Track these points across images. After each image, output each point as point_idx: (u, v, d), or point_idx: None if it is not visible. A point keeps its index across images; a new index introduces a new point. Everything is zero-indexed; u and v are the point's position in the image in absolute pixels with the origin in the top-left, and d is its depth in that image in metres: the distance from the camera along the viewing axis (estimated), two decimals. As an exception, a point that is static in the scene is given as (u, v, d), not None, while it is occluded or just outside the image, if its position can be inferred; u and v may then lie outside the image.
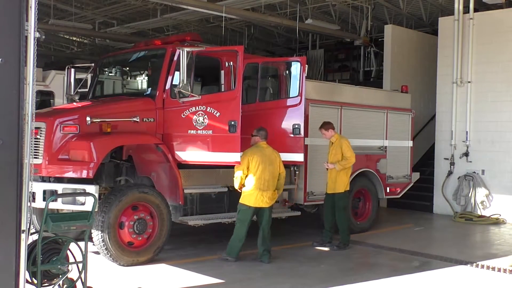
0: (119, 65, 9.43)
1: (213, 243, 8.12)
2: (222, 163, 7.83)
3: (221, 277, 7.12)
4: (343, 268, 7.91)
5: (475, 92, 12.87)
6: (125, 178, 8.25)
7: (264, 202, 7.83)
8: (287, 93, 9.11)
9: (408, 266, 8.02)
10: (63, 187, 7.16)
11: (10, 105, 4.37)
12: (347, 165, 8.87)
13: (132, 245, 7.57)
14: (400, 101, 11.55)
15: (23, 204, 4.48)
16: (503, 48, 12.46)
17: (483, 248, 9.95)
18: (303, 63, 8.73)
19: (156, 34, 19.75)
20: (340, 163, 8.80)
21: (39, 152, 7.32)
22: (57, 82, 13.13)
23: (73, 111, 8.05)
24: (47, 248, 5.33)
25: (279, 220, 9.73)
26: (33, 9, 4.50)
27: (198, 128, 7.76)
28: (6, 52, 4.32)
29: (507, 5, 13.06)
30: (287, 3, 15.66)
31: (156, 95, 8.05)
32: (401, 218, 12.62)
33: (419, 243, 9.83)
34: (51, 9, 16.20)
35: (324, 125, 9.03)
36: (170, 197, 8.08)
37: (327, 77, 20.28)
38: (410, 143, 11.63)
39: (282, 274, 7.42)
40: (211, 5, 13.99)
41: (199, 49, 7.87)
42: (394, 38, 14.93)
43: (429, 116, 14.81)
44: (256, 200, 7.79)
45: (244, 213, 7.84)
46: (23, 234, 4.48)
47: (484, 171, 12.66)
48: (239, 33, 20.03)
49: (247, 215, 7.83)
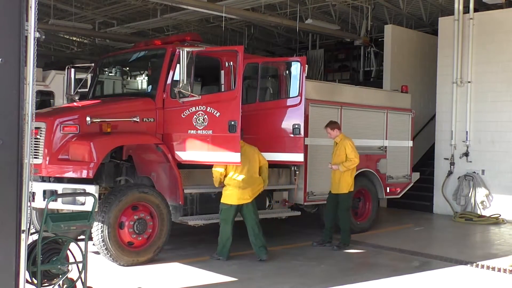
0: (119, 65, 9.43)
1: (213, 243, 8.12)
2: (222, 163, 7.83)
3: (221, 277, 7.12)
4: (343, 268, 7.91)
5: (475, 92, 12.88)
6: (125, 178, 8.25)
7: (246, 199, 7.91)
8: (287, 93, 9.10)
9: (408, 266, 8.02)
10: (63, 187, 7.16)
11: (10, 105, 4.37)
12: (350, 167, 8.85)
13: (132, 245, 7.57)
14: (400, 101, 11.55)
15: (23, 204, 4.48)
16: (503, 48, 12.46)
17: (483, 248, 9.95)
18: (303, 63, 8.73)
19: (156, 34, 19.75)
20: (344, 164, 8.79)
21: (39, 152, 7.32)
22: (57, 82, 13.13)
23: (73, 111, 8.05)
24: (47, 248, 5.32)
25: (279, 220, 9.75)
26: (33, 9, 4.50)
27: (198, 128, 7.75)
28: (6, 52, 4.32)
29: (507, 5, 13.07)
30: (287, 3, 15.67)
31: (156, 95, 8.05)
32: (401, 218, 12.62)
33: (419, 243, 9.83)
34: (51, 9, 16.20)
35: (330, 124, 9.03)
36: (170, 197, 8.08)
37: (327, 77, 20.28)
38: (410, 143, 11.62)
39: (282, 274, 7.42)
40: (211, 5, 13.99)
41: (199, 49, 7.86)
42: (394, 38, 14.93)
43: (429, 116, 14.81)
44: (237, 198, 7.86)
45: (226, 212, 7.90)
46: (23, 234, 4.48)
47: (484, 171, 12.66)
48: (239, 33, 20.03)
49: (229, 214, 7.89)
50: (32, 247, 5.12)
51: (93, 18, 18.62)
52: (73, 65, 9.45)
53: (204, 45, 8.49)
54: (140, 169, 8.25)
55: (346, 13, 16.89)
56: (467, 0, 12.85)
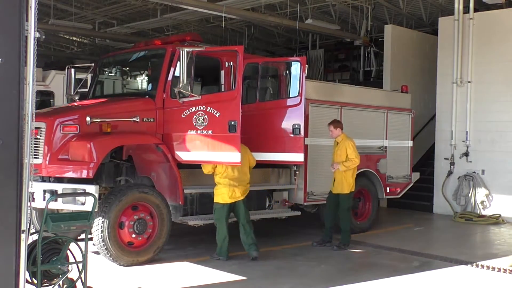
0: (119, 65, 9.43)
1: (213, 243, 8.12)
2: (222, 163, 7.83)
3: (221, 277, 7.12)
4: (343, 268, 7.91)
5: (475, 92, 12.87)
6: (125, 178, 8.25)
7: (237, 197, 7.95)
8: (287, 93, 9.10)
9: (408, 266, 8.02)
10: (63, 187, 7.16)
11: (10, 105, 4.37)
12: (351, 166, 8.85)
13: (132, 245, 7.57)
14: (400, 101, 11.55)
15: (23, 204, 4.47)
16: (503, 48, 12.46)
17: (483, 248, 9.96)
18: (303, 63, 8.72)
19: (156, 34, 19.75)
20: (344, 164, 8.79)
21: (39, 152, 7.32)
22: (57, 82, 13.13)
23: (73, 111, 8.05)
24: (47, 248, 5.32)
25: (279, 220, 9.75)
26: (33, 9, 4.50)
27: (198, 128, 7.75)
28: (6, 52, 4.32)
29: (507, 5, 13.07)
30: (287, 3, 15.67)
31: (156, 95, 8.04)
32: (401, 218, 12.62)
33: (419, 243, 9.83)
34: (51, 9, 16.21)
35: (334, 123, 9.05)
36: (170, 197, 8.08)
37: (327, 77, 20.29)
38: (410, 143, 11.62)
39: (282, 274, 7.42)
40: (211, 5, 14.00)
41: (199, 49, 7.86)
42: (394, 38, 14.93)
43: (429, 116, 14.81)
44: (229, 197, 7.90)
45: (219, 212, 7.94)
46: (23, 234, 4.47)
47: (484, 171, 12.66)
48: (239, 33, 20.03)
49: (222, 213, 7.92)
50: (32, 247, 5.11)
51: (93, 18, 18.61)
52: (73, 65, 9.45)
53: (204, 45, 8.48)
54: (140, 169, 8.25)
55: (346, 13, 16.89)
56: (467, 0, 12.85)
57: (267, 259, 8.11)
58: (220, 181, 7.92)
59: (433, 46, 14.34)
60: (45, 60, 21.49)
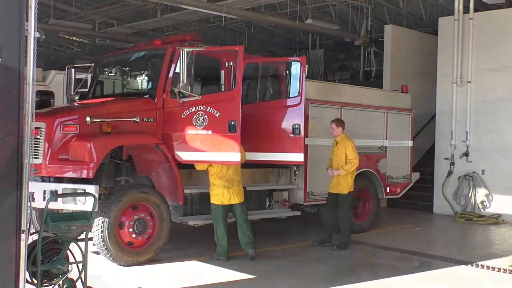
0: (119, 65, 9.42)
1: (213, 243, 8.12)
2: (222, 163, 7.83)
3: (221, 277, 7.12)
4: (343, 268, 7.91)
5: (475, 92, 12.87)
6: (125, 178, 8.24)
7: (233, 199, 7.94)
8: (287, 93, 9.10)
9: (408, 266, 8.02)
10: (63, 187, 7.15)
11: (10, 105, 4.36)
12: (350, 169, 8.85)
13: (132, 245, 7.57)
14: (400, 101, 11.55)
15: (23, 204, 4.47)
16: (503, 48, 12.46)
17: (483, 248, 9.96)
18: (303, 63, 8.72)
19: (156, 34, 19.75)
20: (344, 168, 8.78)
21: (39, 152, 7.32)
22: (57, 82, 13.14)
23: (73, 111, 8.05)
24: (47, 248, 5.31)
25: (279, 220, 9.75)
26: (33, 9, 4.49)
27: (198, 128, 7.75)
28: (6, 52, 4.32)
29: (507, 5, 13.06)
30: (287, 3, 15.67)
31: (156, 95, 8.04)
32: (401, 218, 12.62)
33: (419, 243, 9.83)
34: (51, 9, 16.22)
35: (337, 121, 9.06)
36: (170, 197, 8.08)
37: (327, 77, 20.29)
38: (410, 143, 11.62)
39: (282, 274, 7.42)
40: (211, 5, 14.00)
41: (199, 49, 7.86)
42: (394, 38, 14.93)
43: (429, 116, 14.80)
44: (223, 197, 7.90)
45: (216, 212, 7.96)
46: (23, 234, 4.47)
47: (484, 171, 12.66)
48: (239, 33, 20.04)
49: (218, 213, 7.94)
50: (32, 247, 5.11)
51: (93, 18, 18.62)
52: (73, 65, 9.45)
53: (204, 45, 8.49)
54: (140, 169, 8.25)
55: (346, 13, 16.90)
56: (467, 0, 12.84)
57: (267, 259, 8.12)
58: (215, 182, 7.92)
59: (433, 46, 14.33)
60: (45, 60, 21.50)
